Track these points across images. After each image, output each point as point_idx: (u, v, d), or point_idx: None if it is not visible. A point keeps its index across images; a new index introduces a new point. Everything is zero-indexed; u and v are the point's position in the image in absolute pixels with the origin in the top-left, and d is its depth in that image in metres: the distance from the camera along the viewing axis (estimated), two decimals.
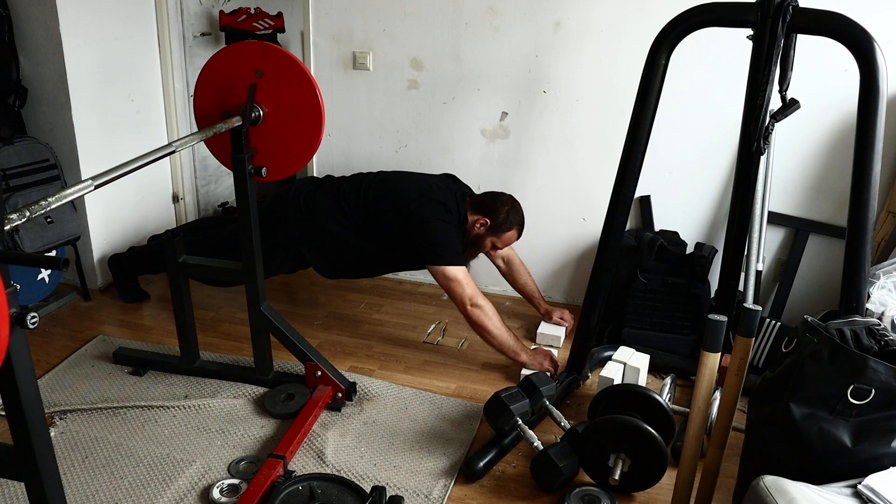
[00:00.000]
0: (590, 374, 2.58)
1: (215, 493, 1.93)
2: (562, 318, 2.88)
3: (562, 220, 3.07)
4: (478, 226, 2.60)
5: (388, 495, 1.92)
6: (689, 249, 2.77)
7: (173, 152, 1.82)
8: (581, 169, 2.96)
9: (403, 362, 2.67)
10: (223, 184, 4.00)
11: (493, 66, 2.92)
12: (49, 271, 2.82)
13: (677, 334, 2.67)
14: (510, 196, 2.67)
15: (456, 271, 2.46)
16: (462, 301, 2.46)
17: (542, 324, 2.89)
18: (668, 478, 1.96)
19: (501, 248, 2.73)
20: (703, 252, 2.68)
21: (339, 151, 3.26)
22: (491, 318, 2.47)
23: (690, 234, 2.91)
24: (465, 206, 2.63)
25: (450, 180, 2.76)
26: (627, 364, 2.44)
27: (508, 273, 2.92)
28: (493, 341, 2.50)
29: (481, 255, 2.79)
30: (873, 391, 1.49)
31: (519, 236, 2.69)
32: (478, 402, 2.39)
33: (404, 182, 2.61)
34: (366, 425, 2.27)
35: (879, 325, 1.63)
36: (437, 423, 2.30)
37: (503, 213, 2.60)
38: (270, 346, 2.42)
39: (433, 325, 2.96)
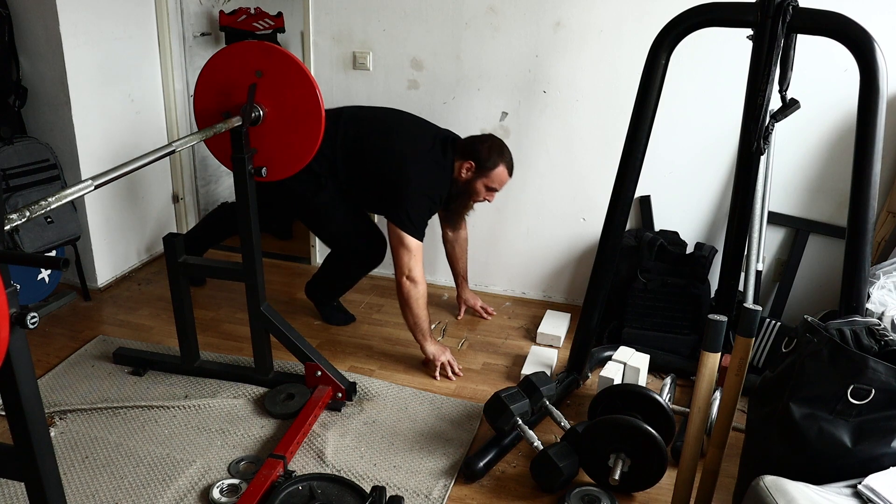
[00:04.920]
0: (590, 374, 2.58)
1: (215, 493, 1.93)
2: (478, 307, 3.00)
3: (562, 220, 3.07)
4: (465, 171, 2.56)
5: (388, 495, 1.92)
6: (689, 249, 2.77)
7: (173, 152, 1.82)
8: (581, 169, 2.96)
9: (403, 362, 2.67)
10: (223, 184, 4.00)
11: (493, 66, 2.92)
12: (49, 271, 2.82)
13: (677, 334, 2.67)
14: (490, 134, 2.65)
15: (412, 241, 2.47)
16: (402, 269, 2.48)
17: (542, 324, 2.89)
18: (668, 478, 1.96)
19: (498, 189, 2.64)
20: (703, 252, 2.68)
21: None
22: (418, 299, 2.50)
23: (690, 234, 2.91)
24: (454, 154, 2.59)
25: (433, 128, 2.70)
26: (627, 364, 2.44)
27: (452, 242, 2.95)
28: (409, 317, 2.55)
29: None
30: (873, 391, 1.49)
31: (510, 174, 2.62)
32: (478, 402, 2.39)
33: (397, 139, 2.58)
34: (366, 425, 2.27)
35: (879, 325, 1.63)
36: (437, 423, 2.30)
37: (484, 151, 2.55)
38: (270, 346, 2.42)
39: (433, 326, 2.96)
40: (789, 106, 1.97)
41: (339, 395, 2.35)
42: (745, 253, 2.51)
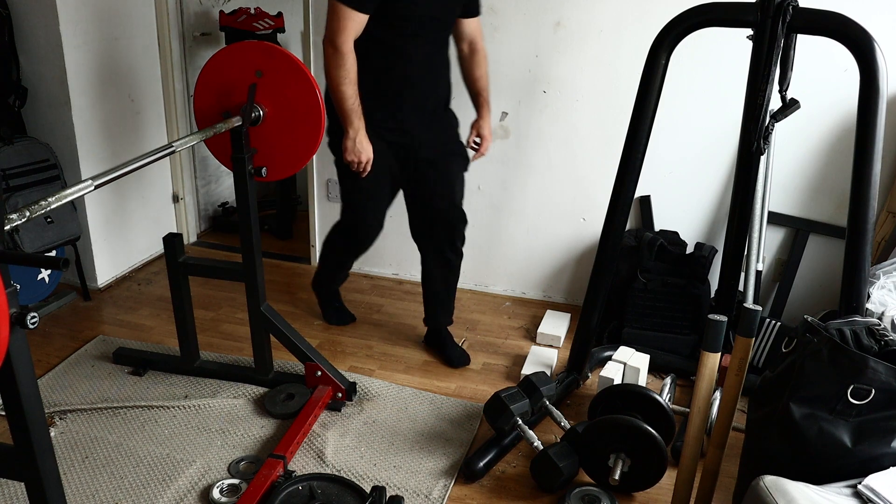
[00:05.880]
0: (590, 374, 2.58)
1: (215, 493, 1.93)
2: (478, 139, 2.61)
3: (562, 220, 3.07)
4: None
5: (388, 495, 1.92)
6: (689, 249, 2.77)
7: (173, 152, 1.82)
8: (581, 169, 2.96)
9: (403, 362, 2.67)
10: (223, 184, 4.00)
11: (493, 66, 2.90)
12: (49, 271, 2.82)
13: (677, 334, 2.67)
14: None
15: (343, 8, 2.13)
16: (326, 32, 2.18)
17: (542, 324, 2.89)
18: (668, 478, 1.96)
19: None
20: (703, 252, 2.68)
21: None
22: (338, 68, 2.18)
23: (690, 234, 2.91)
24: None
25: None
26: (627, 364, 2.44)
27: (469, 60, 2.55)
28: (329, 88, 2.25)
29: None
30: (873, 391, 1.49)
31: None
32: (478, 402, 2.39)
33: None
34: (366, 425, 2.27)
35: (879, 325, 1.63)
36: (437, 423, 2.30)
37: None
38: (270, 346, 2.42)
39: None
40: (789, 106, 1.97)
41: (339, 395, 2.35)
42: (745, 253, 2.50)
